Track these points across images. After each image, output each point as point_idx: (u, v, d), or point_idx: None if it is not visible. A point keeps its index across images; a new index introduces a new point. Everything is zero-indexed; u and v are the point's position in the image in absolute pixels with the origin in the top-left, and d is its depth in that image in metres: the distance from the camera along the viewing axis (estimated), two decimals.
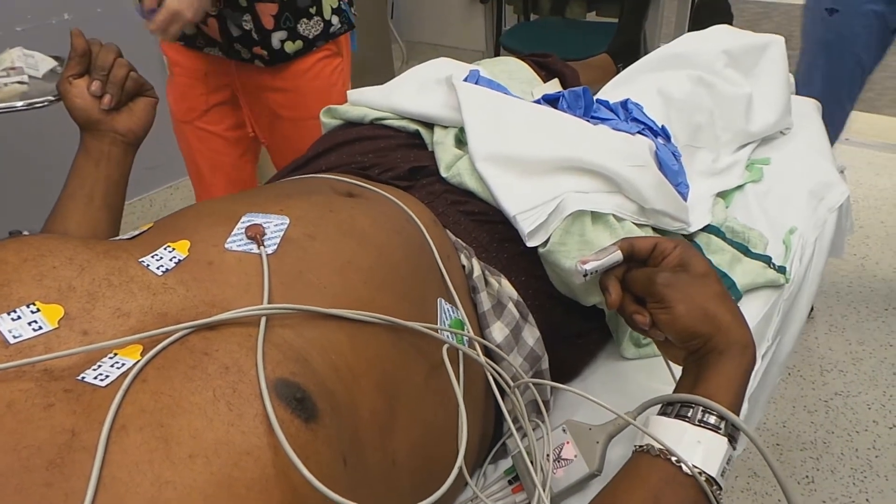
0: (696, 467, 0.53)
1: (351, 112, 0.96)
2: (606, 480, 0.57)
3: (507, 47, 2.54)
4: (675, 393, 0.60)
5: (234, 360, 0.43)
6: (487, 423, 0.71)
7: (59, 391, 0.40)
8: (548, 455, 0.61)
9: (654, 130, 1.00)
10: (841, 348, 1.86)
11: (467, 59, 1.11)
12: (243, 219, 0.57)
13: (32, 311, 0.44)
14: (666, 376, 0.68)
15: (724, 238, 0.95)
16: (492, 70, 1.08)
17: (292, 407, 0.42)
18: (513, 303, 0.72)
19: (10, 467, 0.36)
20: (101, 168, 0.84)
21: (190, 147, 1.49)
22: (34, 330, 0.43)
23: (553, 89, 1.15)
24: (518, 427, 0.64)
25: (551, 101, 1.00)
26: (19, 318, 0.44)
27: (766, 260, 0.93)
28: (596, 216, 0.79)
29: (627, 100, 1.04)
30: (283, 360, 0.45)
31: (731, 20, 2.47)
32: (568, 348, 0.79)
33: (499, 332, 0.70)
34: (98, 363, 0.42)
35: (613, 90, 1.16)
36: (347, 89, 1.42)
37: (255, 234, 0.55)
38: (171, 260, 0.52)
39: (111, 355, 0.43)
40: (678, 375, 0.64)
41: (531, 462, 0.60)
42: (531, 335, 0.72)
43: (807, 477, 1.52)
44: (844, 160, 1.78)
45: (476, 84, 0.93)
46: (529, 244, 0.76)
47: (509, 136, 0.85)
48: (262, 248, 0.54)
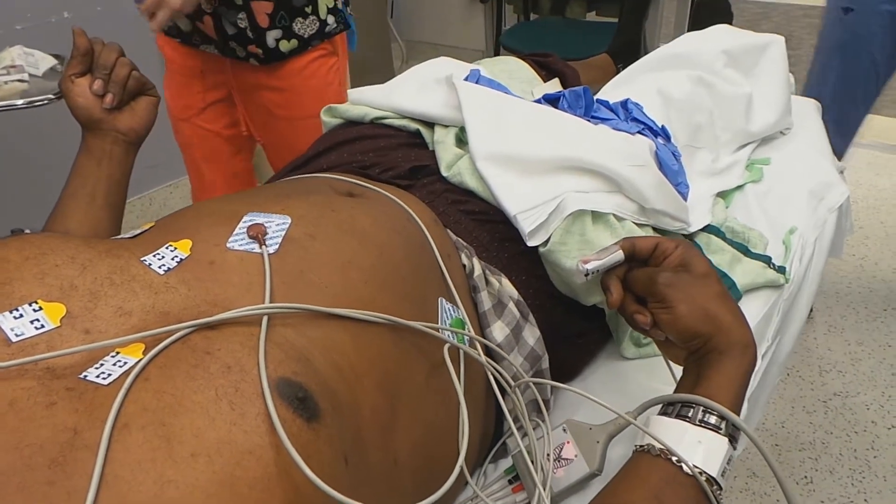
0: (696, 467, 0.53)
1: (351, 111, 0.96)
2: (607, 480, 0.57)
3: (507, 47, 2.54)
4: (675, 393, 0.60)
5: (237, 359, 0.43)
6: (488, 422, 0.71)
7: (62, 389, 0.40)
8: (548, 454, 0.61)
9: (654, 130, 1.00)
10: (840, 349, 1.87)
11: (467, 58, 1.10)
12: (245, 218, 0.57)
13: (35, 310, 0.44)
14: (666, 376, 0.69)
15: (724, 238, 0.95)
16: (492, 69, 1.08)
17: (294, 406, 0.42)
18: (513, 302, 0.72)
19: (12, 466, 0.36)
20: (103, 167, 0.84)
21: (187, 143, 1.49)
22: (36, 328, 0.43)
23: (553, 89, 1.15)
24: (518, 426, 0.65)
25: (552, 100, 1.00)
26: (21, 316, 0.43)
27: (766, 260, 0.94)
28: (596, 216, 0.79)
29: (627, 100, 1.04)
30: (285, 360, 0.45)
31: (731, 20, 2.48)
32: (568, 348, 0.80)
33: (499, 331, 0.70)
34: (100, 362, 0.42)
35: (613, 90, 1.16)
36: (344, 88, 1.42)
37: (257, 234, 0.55)
38: (172, 259, 0.51)
39: (113, 354, 0.43)
40: (678, 375, 0.64)
41: (531, 461, 0.61)
42: (532, 335, 0.72)
43: (805, 477, 1.52)
44: (844, 160, 1.79)
45: (477, 83, 0.93)
46: (530, 244, 0.76)
47: (510, 135, 0.85)
48: (263, 247, 0.54)
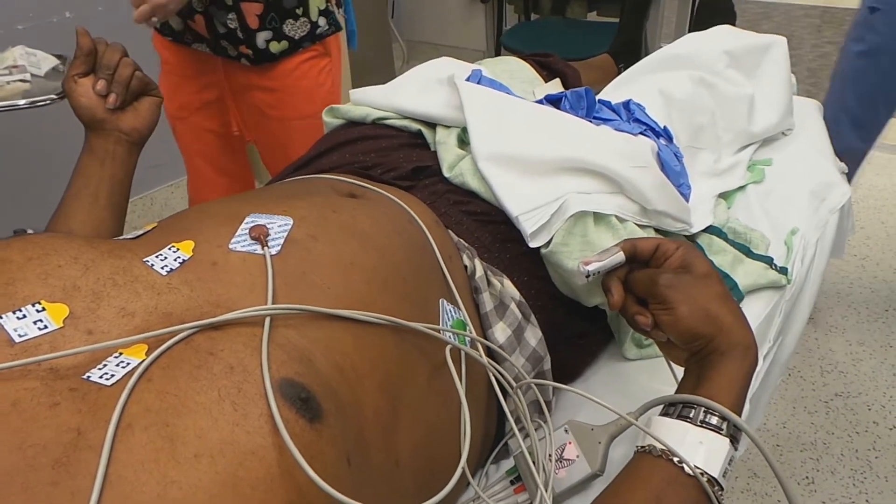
0: (697, 468, 0.53)
1: (353, 112, 0.96)
2: (608, 481, 0.57)
3: (508, 47, 2.54)
4: (677, 394, 0.60)
5: (239, 359, 0.43)
6: (490, 423, 0.71)
7: (65, 390, 0.40)
8: (550, 455, 0.61)
9: (657, 131, 1.00)
10: (841, 349, 1.87)
11: (468, 58, 1.11)
12: (247, 219, 0.57)
13: (38, 310, 0.44)
14: (668, 377, 0.69)
15: (726, 239, 0.95)
16: (493, 69, 1.08)
17: (297, 407, 0.42)
18: (515, 303, 0.72)
19: (15, 466, 0.36)
20: (106, 167, 0.84)
21: (184, 142, 1.50)
22: (39, 329, 0.43)
23: (554, 89, 1.15)
24: (520, 427, 0.65)
25: (554, 101, 1.00)
26: (25, 316, 0.43)
27: (768, 261, 0.94)
28: (598, 217, 0.79)
29: (630, 100, 1.04)
30: (288, 360, 0.45)
31: (733, 20, 2.48)
32: (570, 349, 0.80)
33: (501, 332, 0.70)
34: (103, 362, 0.42)
35: (615, 91, 1.16)
36: (338, 89, 1.42)
37: (259, 235, 0.55)
38: (175, 260, 0.52)
39: (116, 355, 0.43)
40: (680, 376, 0.64)
41: (533, 462, 0.61)
42: (533, 336, 0.72)
43: (807, 478, 1.52)
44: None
45: (478, 84, 0.93)
46: (532, 245, 0.76)
47: (512, 136, 0.85)
48: (265, 248, 0.54)
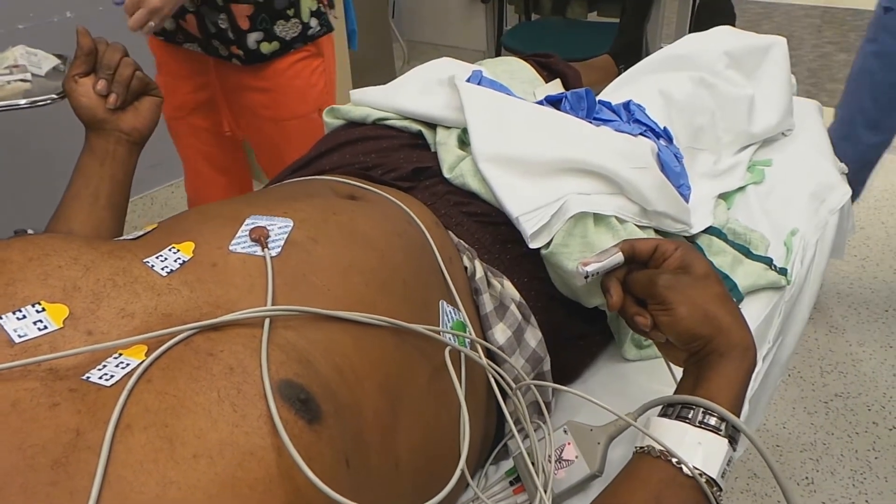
0: (696, 468, 0.53)
1: (354, 112, 0.96)
2: (608, 481, 0.57)
3: (508, 47, 2.54)
4: (675, 394, 0.60)
5: (239, 360, 0.43)
6: (489, 424, 0.71)
7: (64, 390, 0.40)
8: (549, 456, 0.61)
9: (657, 132, 1.00)
10: (841, 350, 1.87)
11: (468, 58, 1.11)
12: (247, 221, 0.57)
13: (37, 311, 0.44)
14: (667, 378, 0.69)
15: (726, 240, 0.95)
16: (494, 70, 1.08)
17: (296, 408, 0.42)
18: (515, 304, 0.72)
19: (15, 466, 0.36)
20: (106, 167, 0.84)
21: (181, 142, 1.50)
22: (39, 329, 0.43)
23: (555, 90, 1.15)
24: (520, 428, 0.65)
25: (554, 102, 1.00)
26: (24, 317, 0.44)
27: (768, 262, 0.94)
28: (598, 218, 0.79)
29: (630, 101, 1.04)
30: (287, 362, 0.45)
31: (733, 21, 2.47)
32: (570, 350, 0.80)
33: (501, 333, 0.70)
34: (103, 363, 0.42)
35: (615, 91, 1.16)
36: (331, 89, 1.42)
37: (259, 237, 0.55)
38: (175, 261, 0.52)
39: (116, 355, 0.43)
40: (679, 377, 0.64)
41: (532, 463, 0.61)
42: (533, 337, 0.72)
43: (806, 478, 1.52)
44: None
45: (479, 84, 0.94)
46: (532, 246, 0.76)
47: (512, 137, 0.85)
48: (266, 250, 0.54)
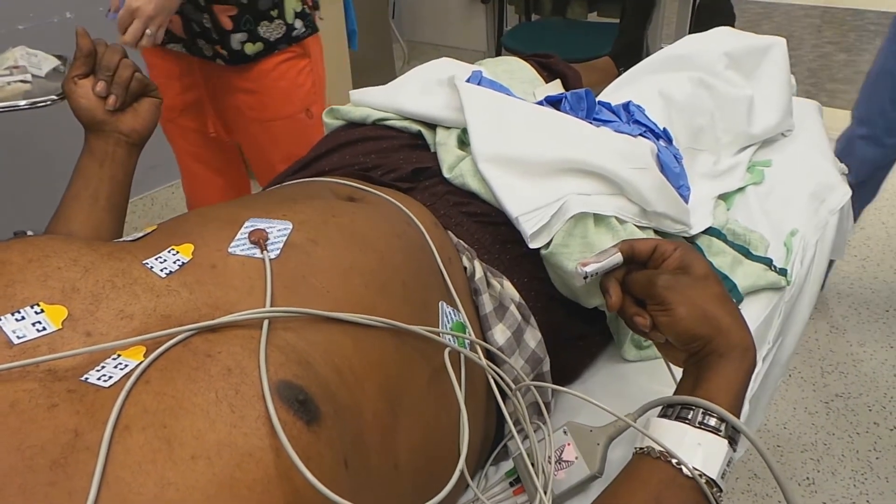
0: (696, 469, 0.53)
1: (353, 113, 0.96)
2: (607, 482, 0.57)
3: (509, 47, 2.54)
4: (675, 395, 0.60)
5: (237, 361, 0.43)
6: (489, 425, 0.71)
7: (63, 391, 0.40)
8: (549, 457, 0.61)
9: (656, 133, 1.00)
10: (842, 350, 1.86)
11: (468, 59, 1.10)
12: (246, 224, 0.58)
13: (36, 312, 0.44)
14: (667, 378, 0.68)
15: (725, 240, 0.95)
16: (494, 70, 1.08)
17: (294, 409, 0.42)
18: (515, 305, 0.72)
19: (13, 467, 0.36)
20: (106, 168, 0.84)
21: (175, 143, 1.50)
22: (38, 331, 0.43)
23: (555, 90, 1.15)
24: (519, 429, 0.65)
25: (554, 102, 1.00)
26: (23, 318, 0.44)
27: (768, 262, 0.93)
28: (598, 218, 0.79)
29: (629, 102, 1.04)
30: (286, 363, 0.45)
31: (732, 21, 2.47)
32: (570, 350, 0.80)
33: (500, 334, 0.70)
34: (101, 364, 0.42)
35: (615, 92, 1.16)
36: (319, 90, 1.42)
37: (259, 239, 0.55)
38: (174, 263, 0.52)
39: (114, 356, 0.43)
40: (679, 377, 0.64)
41: (532, 464, 0.61)
42: (533, 337, 0.72)
43: (807, 478, 1.52)
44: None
45: (479, 85, 0.94)
46: (532, 246, 0.76)
47: (512, 137, 0.85)
48: (265, 252, 0.54)
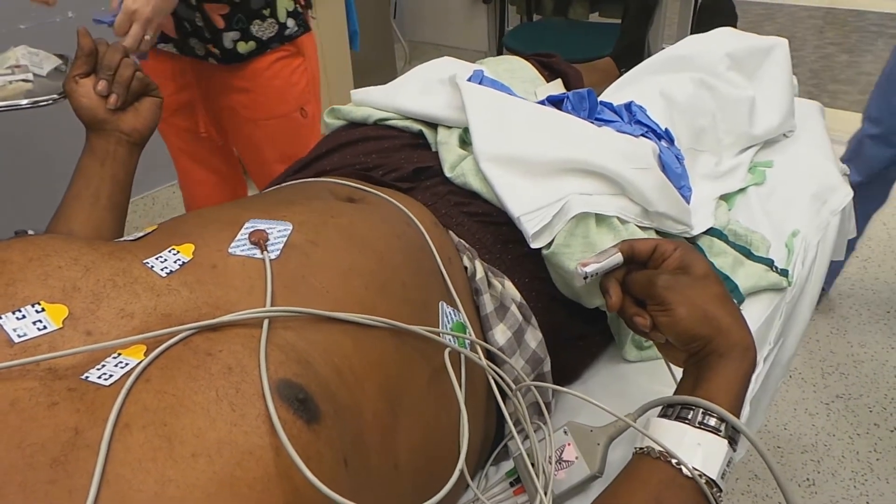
0: (696, 469, 0.53)
1: (355, 112, 0.96)
2: (608, 482, 0.57)
3: (510, 48, 2.54)
4: (675, 395, 0.60)
5: (238, 360, 0.43)
6: (489, 425, 0.71)
7: (63, 390, 0.40)
8: (549, 457, 0.61)
9: (658, 133, 1.00)
10: (842, 351, 1.86)
11: (470, 59, 1.10)
12: (246, 225, 0.58)
13: (37, 311, 0.44)
14: (667, 378, 0.68)
15: (727, 241, 0.95)
16: (495, 69, 1.08)
17: (294, 408, 0.42)
18: (516, 305, 0.72)
19: (14, 465, 0.36)
20: (107, 168, 0.84)
21: (169, 142, 1.50)
22: (39, 329, 0.43)
23: (556, 89, 1.15)
24: (520, 429, 0.65)
25: (555, 102, 1.00)
26: (24, 317, 0.44)
27: (769, 263, 0.93)
28: (600, 218, 0.79)
29: (631, 102, 1.04)
30: (286, 362, 0.45)
31: (734, 22, 2.47)
32: (570, 350, 0.80)
33: (501, 334, 0.70)
34: (102, 363, 0.42)
35: (617, 92, 1.16)
36: (315, 89, 1.41)
37: (259, 240, 0.55)
38: (175, 262, 0.52)
39: (115, 355, 0.43)
40: (679, 377, 0.64)
41: (533, 464, 0.61)
42: (534, 338, 0.72)
43: (808, 480, 1.52)
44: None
45: (480, 84, 0.94)
46: (533, 245, 0.76)
47: (514, 136, 0.85)
48: (265, 252, 0.54)
